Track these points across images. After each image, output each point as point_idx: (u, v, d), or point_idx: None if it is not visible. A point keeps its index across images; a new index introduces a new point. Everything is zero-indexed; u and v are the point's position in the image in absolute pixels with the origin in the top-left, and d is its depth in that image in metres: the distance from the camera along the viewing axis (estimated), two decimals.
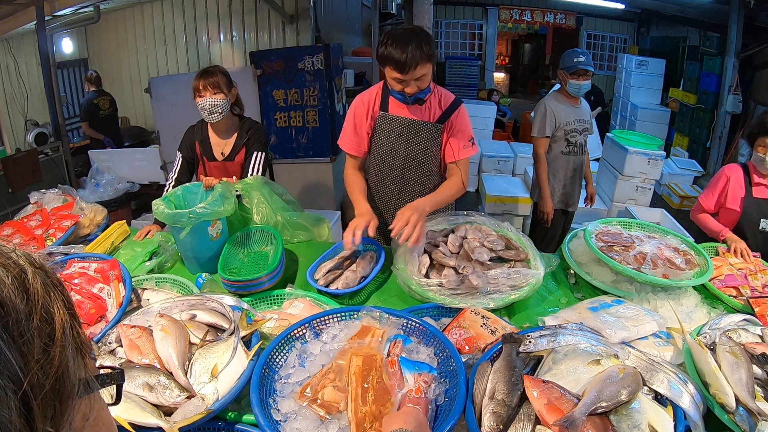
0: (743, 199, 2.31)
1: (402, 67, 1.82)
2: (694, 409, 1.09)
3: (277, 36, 6.24)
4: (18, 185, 3.98)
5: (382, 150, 2.17)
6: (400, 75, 1.85)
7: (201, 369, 1.19)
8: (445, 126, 2.10)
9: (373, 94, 2.12)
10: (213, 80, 2.28)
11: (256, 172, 2.41)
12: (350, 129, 2.14)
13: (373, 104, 2.11)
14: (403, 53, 1.79)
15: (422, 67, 1.84)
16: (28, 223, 2.19)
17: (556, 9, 10.52)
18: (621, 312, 1.48)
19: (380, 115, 2.11)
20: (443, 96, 2.10)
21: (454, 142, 2.10)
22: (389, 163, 2.19)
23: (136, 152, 5.25)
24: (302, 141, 4.87)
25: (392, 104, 2.09)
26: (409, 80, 1.87)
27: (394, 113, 2.10)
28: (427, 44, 1.82)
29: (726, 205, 2.36)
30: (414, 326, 1.34)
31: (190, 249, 1.96)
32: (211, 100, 2.28)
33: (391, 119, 2.10)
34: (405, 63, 1.80)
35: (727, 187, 2.35)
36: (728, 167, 2.39)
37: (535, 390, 1.06)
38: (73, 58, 6.67)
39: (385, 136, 2.14)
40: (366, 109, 2.11)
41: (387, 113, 2.10)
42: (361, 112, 2.11)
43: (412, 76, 1.86)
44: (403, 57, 1.79)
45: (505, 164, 6.00)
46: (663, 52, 8.54)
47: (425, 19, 4.21)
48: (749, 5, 5.74)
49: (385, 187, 2.26)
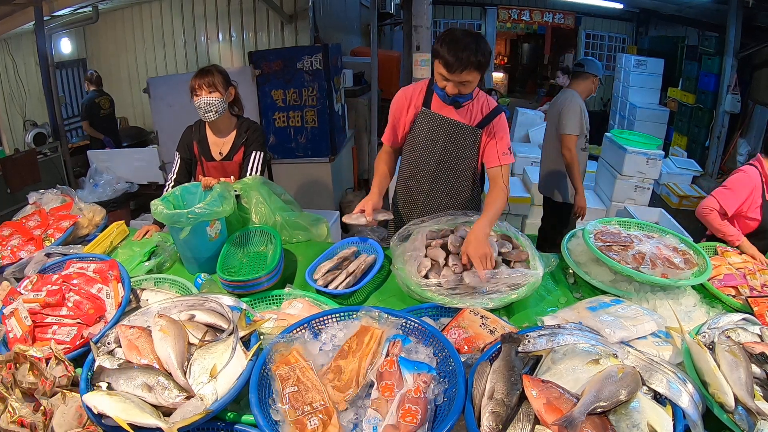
0: (761, 206, 2.26)
1: (450, 66, 1.84)
2: (693, 409, 1.09)
3: (276, 36, 6.23)
4: (16, 186, 3.97)
5: (418, 145, 2.17)
6: (446, 73, 1.88)
7: (200, 369, 1.19)
8: (485, 131, 2.11)
9: (418, 89, 2.13)
10: (208, 79, 2.28)
11: (255, 172, 2.41)
12: (391, 122, 2.17)
13: (416, 98, 2.12)
14: (455, 53, 1.81)
15: (468, 74, 1.86)
16: (26, 224, 2.18)
17: (554, 9, 10.53)
18: (620, 311, 1.48)
19: (422, 110, 2.12)
20: (486, 101, 2.12)
21: (496, 147, 2.09)
22: (423, 160, 2.19)
23: (135, 152, 5.24)
24: (301, 141, 4.87)
25: (435, 102, 2.10)
26: (453, 81, 1.89)
27: (435, 110, 2.11)
28: (482, 54, 1.83)
29: (747, 213, 2.28)
30: (413, 326, 1.34)
31: (188, 249, 1.96)
32: (207, 99, 2.28)
33: (432, 116, 2.11)
34: (454, 64, 1.83)
35: (752, 195, 2.26)
36: (752, 173, 2.27)
37: (534, 390, 1.06)
38: (72, 59, 6.66)
39: (423, 132, 2.14)
40: (408, 102, 2.12)
41: (429, 110, 2.11)
42: (402, 104, 2.13)
43: (457, 78, 1.88)
44: (453, 57, 1.82)
45: None
46: (662, 51, 8.55)
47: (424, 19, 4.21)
48: (748, 5, 5.75)
49: (415, 184, 2.25)
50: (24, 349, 1.29)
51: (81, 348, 1.40)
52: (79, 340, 1.43)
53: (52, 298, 1.52)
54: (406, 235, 1.93)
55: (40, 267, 1.81)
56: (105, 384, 1.16)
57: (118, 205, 4.70)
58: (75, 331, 1.46)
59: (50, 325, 1.48)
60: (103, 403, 1.08)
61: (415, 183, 2.26)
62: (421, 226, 1.97)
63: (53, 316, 1.50)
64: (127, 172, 4.96)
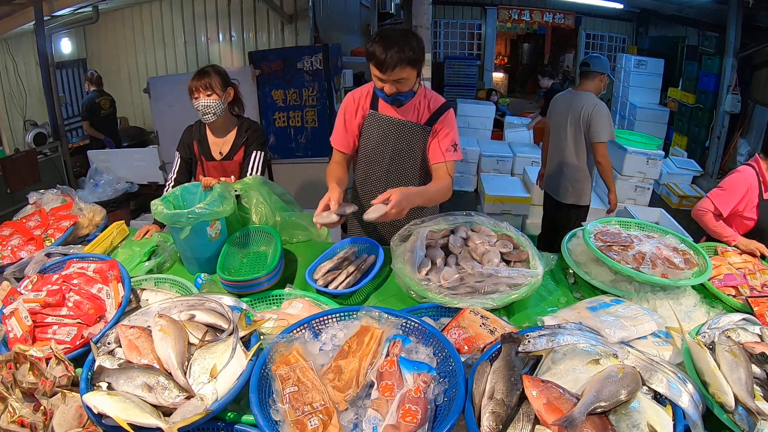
0: (758, 205, 2.25)
1: (381, 66, 1.82)
2: (693, 409, 1.09)
3: (276, 36, 6.23)
4: (17, 186, 3.97)
5: (370, 148, 2.17)
6: (379, 73, 1.86)
7: (200, 369, 1.19)
8: (434, 129, 2.09)
9: (364, 92, 2.13)
10: (205, 81, 2.29)
11: (255, 172, 2.41)
12: (341, 125, 2.16)
13: (363, 102, 2.12)
14: (384, 53, 1.79)
15: (402, 71, 1.84)
16: (26, 224, 2.18)
17: (554, 9, 10.53)
18: (620, 312, 1.48)
19: (370, 113, 2.12)
20: (433, 99, 2.10)
21: (440, 144, 2.08)
22: (376, 162, 2.19)
23: (135, 152, 5.23)
24: (301, 141, 4.88)
25: (382, 103, 2.09)
26: (387, 80, 1.88)
27: (383, 112, 2.10)
28: (412, 49, 1.81)
29: (744, 213, 2.28)
30: (413, 326, 1.34)
31: (189, 249, 1.96)
32: (205, 101, 2.29)
33: (379, 117, 2.11)
34: (384, 63, 1.81)
35: (748, 194, 2.25)
36: (747, 173, 2.27)
37: (534, 390, 1.06)
38: (72, 59, 6.66)
39: (373, 134, 2.14)
40: (356, 106, 2.12)
41: (376, 111, 2.11)
42: (351, 108, 2.13)
43: (391, 77, 1.85)
44: (383, 56, 1.80)
45: (504, 164, 6.01)
46: (662, 51, 8.55)
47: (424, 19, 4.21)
48: (748, 5, 5.75)
49: (371, 186, 2.26)
50: (24, 349, 1.29)
51: (81, 348, 1.40)
52: (80, 340, 1.43)
53: (53, 298, 1.52)
54: (406, 235, 1.93)
55: (40, 267, 1.81)
56: (105, 384, 1.16)
57: (119, 205, 4.70)
58: (75, 331, 1.46)
59: (50, 325, 1.48)
60: (104, 403, 1.08)
61: (370, 185, 2.25)
62: (421, 226, 1.97)
63: (53, 316, 1.50)
64: (127, 172, 4.96)
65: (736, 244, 2.15)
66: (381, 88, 1.92)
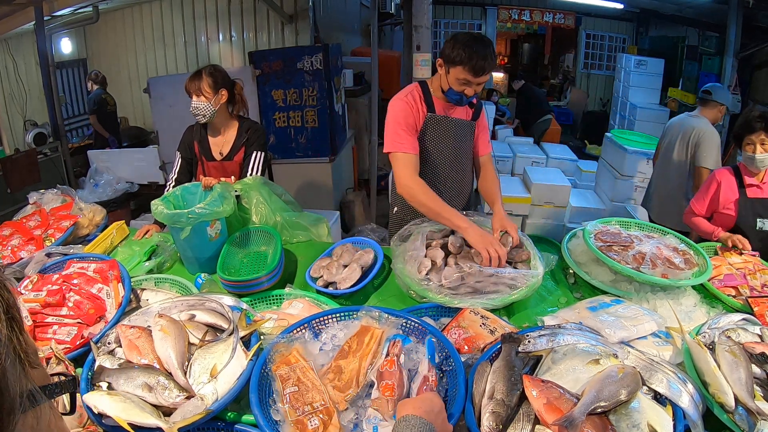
0: (737, 201, 2.30)
1: (477, 70, 1.92)
2: (693, 409, 1.09)
3: (276, 36, 6.23)
4: (17, 186, 3.98)
5: (430, 151, 2.18)
6: (471, 77, 1.94)
7: (200, 369, 1.19)
8: (477, 123, 2.27)
9: (416, 95, 2.12)
10: (196, 84, 2.32)
11: (256, 172, 2.41)
12: (403, 130, 2.05)
13: (418, 104, 2.12)
14: (483, 58, 1.90)
15: (486, 76, 1.97)
16: (26, 224, 2.18)
17: (555, 9, 10.52)
18: (620, 312, 1.48)
19: (429, 115, 2.13)
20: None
21: (484, 136, 2.30)
22: (436, 164, 2.21)
23: (135, 152, 5.24)
24: (301, 141, 4.88)
25: (437, 105, 2.14)
26: (474, 83, 1.97)
27: (440, 113, 2.15)
28: (495, 58, 1.96)
29: (720, 210, 2.36)
30: (413, 326, 1.34)
31: (189, 249, 1.96)
32: (195, 102, 2.33)
33: (440, 120, 2.15)
34: (482, 68, 1.91)
35: (719, 192, 2.35)
36: (718, 172, 2.40)
37: (534, 390, 1.06)
38: (72, 59, 6.66)
39: (434, 137, 2.16)
40: (414, 109, 2.10)
41: (435, 114, 2.14)
42: (408, 112, 2.08)
43: (480, 81, 1.97)
44: (481, 62, 1.90)
45: (504, 164, 6.01)
46: (662, 51, 8.55)
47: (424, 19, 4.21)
48: (748, 5, 5.74)
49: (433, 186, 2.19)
50: None
51: (81, 348, 1.40)
52: (80, 339, 1.43)
53: (53, 297, 1.52)
54: (406, 235, 1.93)
55: (40, 267, 1.81)
56: (105, 384, 1.16)
57: (119, 205, 4.71)
58: (75, 330, 1.46)
59: (50, 324, 1.48)
60: (104, 402, 1.08)
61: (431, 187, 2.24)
62: (421, 226, 1.98)
63: (53, 316, 1.50)
64: (127, 172, 4.96)
65: (718, 238, 2.19)
66: (461, 91, 2.00)
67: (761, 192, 2.28)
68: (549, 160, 6.04)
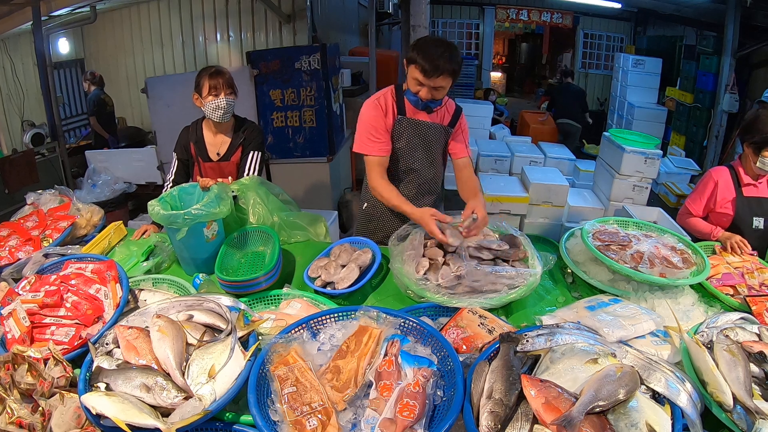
0: (734, 200, 2.31)
1: (426, 71, 1.90)
2: (691, 408, 1.09)
3: (274, 36, 6.23)
4: (14, 186, 3.96)
5: (401, 153, 2.19)
6: (422, 77, 1.92)
7: (198, 369, 1.18)
8: (455, 129, 2.24)
9: (388, 98, 2.14)
10: (227, 79, 2.30)
11: (253, 172, 2.40)
12: (372, 132, 2.11)
13: (389, 106, 2.13)
14: (433, 58, 1.87)
15: (443, 79, 1.93)
16: (24, 224, 2.18)
17: (552, 8, 10.54)
18: (618, 311, 1.49)
19: (398, 118, 2.13)
20: (449, 102, 2.22)
21: (462, 140, 2.27)
22: (407, 165, 2.23)
23: (133, 152, 5.22)
24: (299, 141, 4.87)
25: (408, 108, 2.14)
26: (428, 85, 1.95)
27: (411, 116, 2.15)
28: (456, 62, 1.92)
29: (716, 209, 2.35)
30: (411, 326, 1.34)
31: (185, 250, 1.95)
32: (227, 99, 2.30)
33: (411, 122, 2.15)
34: (431, 69, 1.89)
35: (716, 191, 2.34)
36: (714, 171, 2.39)
37: (532, 389, 1.06)
38: (70, 59, 6.64)
39: (404, 139, 2.17)
40: (384, 111, 2.12)
41: (405, 116, 2.14)
42: (379, 114, 2.12)
43: (433, 83, 1.94)
44: (431, 62, 1.88)
45: (502, 163, 6.01)
46: (660, 51, 8.57)
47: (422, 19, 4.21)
48: (746, 4, 5.76)
49: (402, 189, 2.24)
50: (22, 350, 1.28)
51: (79, 348, 1.40)
52: (78, 340, 1.43)
53: (51, 298, 1.51)
54: (404, 234, 1.93)
55: (38, 267, 1.81)
56: (103, 384, 1.16)
57: (116, 205, 4.70)
58: (73, 331, 1.46)
59: (48, 325, 1.47)
60: (102, 403, 1.08)
61: (402, 189, 2.25)
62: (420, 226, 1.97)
63: (51, 317, 1.49)
64: (125, 173, 4.95)
65: (718, 238, 2.19)
66: (416, 92, 1.99)
67: (758, 191, 2.29)
68: (547, 159, 6.05)
